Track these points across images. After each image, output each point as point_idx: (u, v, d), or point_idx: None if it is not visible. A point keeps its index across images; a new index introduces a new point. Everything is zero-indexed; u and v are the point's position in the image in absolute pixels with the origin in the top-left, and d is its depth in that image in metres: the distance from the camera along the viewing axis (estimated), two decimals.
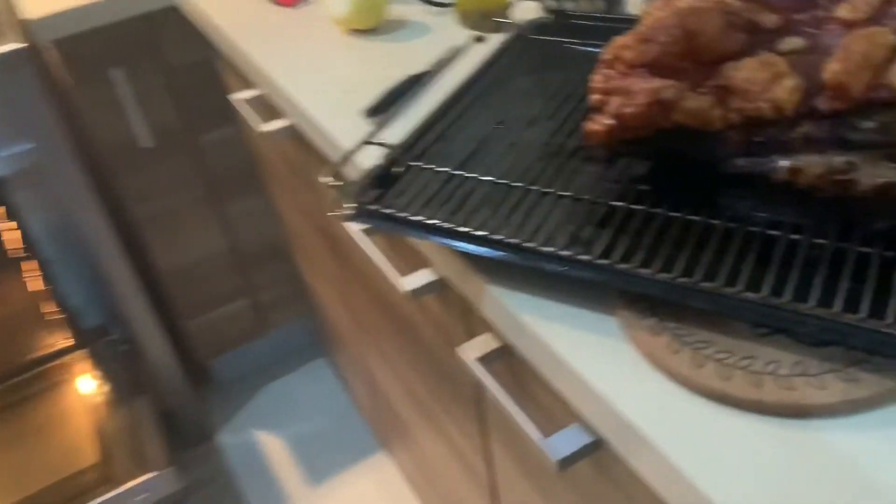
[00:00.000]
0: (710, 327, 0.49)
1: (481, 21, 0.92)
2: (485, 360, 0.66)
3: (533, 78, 0.76)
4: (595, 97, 0.55)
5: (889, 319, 0.44)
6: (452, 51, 0.89)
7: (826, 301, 0.46)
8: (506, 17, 0.90)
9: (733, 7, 0.53)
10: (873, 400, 0.44)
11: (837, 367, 0.46)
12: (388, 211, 0.59)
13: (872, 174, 0.49)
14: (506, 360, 0.67)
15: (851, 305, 0.45)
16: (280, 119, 0.99)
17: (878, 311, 0.45)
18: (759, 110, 0.49)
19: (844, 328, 0.45)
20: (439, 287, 0.72)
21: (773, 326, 0.48)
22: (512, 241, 0.54)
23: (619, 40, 0.54)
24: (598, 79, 0.55)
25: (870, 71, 0.47)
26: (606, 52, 0.55)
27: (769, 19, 0.54)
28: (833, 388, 0.45)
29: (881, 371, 0.45)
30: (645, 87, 0.51)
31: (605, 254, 0.52)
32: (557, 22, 0.84)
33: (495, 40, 0.84)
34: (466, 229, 0.56)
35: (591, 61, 0.76)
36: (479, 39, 0.78)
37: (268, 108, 1.06)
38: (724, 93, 0.51)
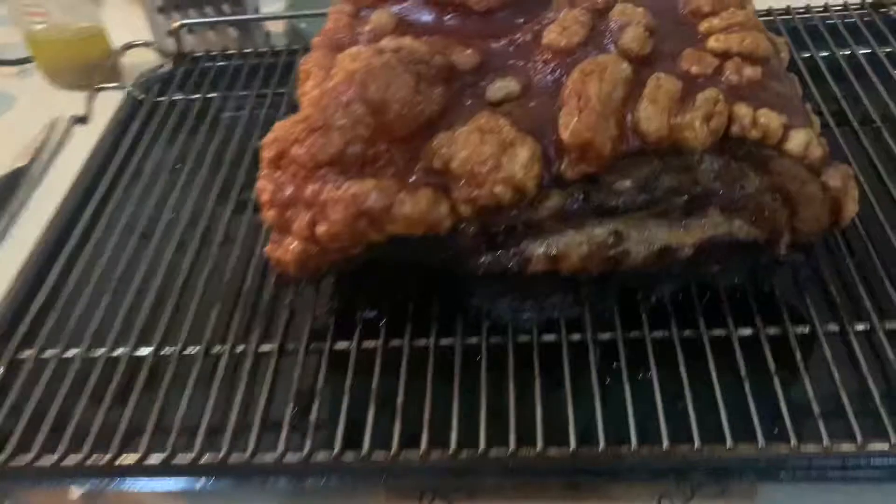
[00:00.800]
0: (518, 496, 0.36)
1: (81, 79, 0.68)
2: None
3: (173, 156, 0.56)
4: (269, 213, 0.38)
5: (728, 443, 0.34)
6: (51, 131, 0.65)
7: (647, 431, 0.35)
8: (114, 73, 0.68)
9: (418, 54, 0.39)
10: None
11: None
12: None
13: (643, 240, 0.39)
14: None
15: (679, 426, 0.35)
16: None
17: (711, 427, 0.35)
18: (494, 197, 0.36)
19: (681, 466, 0.34)
20: None
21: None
22: (210, 460, 0.36)
23: (281, 129, 0.37)
24: (264, 186, 0.38)
25: (613, 117, 0.36)
26: (267, 147, 0.38)
27: (465, 58, 0.41)
28: None
29: (727, 495, 0.35)
30: (339, 195, 0.35)
31: (345, 441, 0.36)
32: (184, 70, 0.64)
33: (110, 105, 0.62)
34: (135, 457, 0.36)
35: (241, 111, 0.59)
36: (82, 120, 0.56)
37: None
38: (445, 178, 0.37)
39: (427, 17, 0.44)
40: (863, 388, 0.35)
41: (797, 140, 0.36)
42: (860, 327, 0.38)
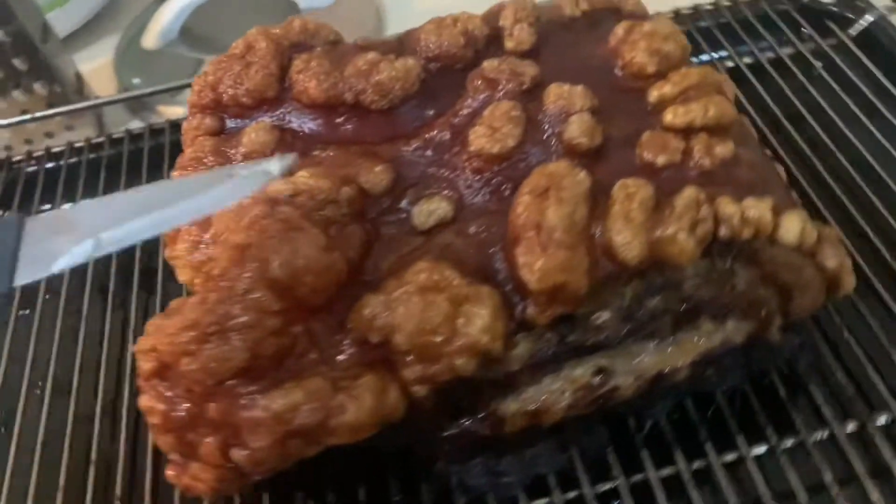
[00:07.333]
0: None
1: None
2: None
3: (14, 303, 0.45)
4: (164, 440, 0.29)
5: None
6: None
7: None
8: None
9: (322, 192, 0.30)
10: None
11: None
12: None
13: (633, 371, 0.32)
14: None
15: None
16: None
17: None
18: (455, 371, 0.28)
19: None
20: None
21: None
22: None
23: (161, 336, 0.28)
24: (151, 405, 0.28)
25: (582, 245, 0.29)
26: (144, 358, 0.28)
27: (375, 177, 0.33)
28: None
29: None
30: (257, 417, 0.27)
31: None
32: (2, 180, 0.52)
33: None
34: None
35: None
36: None
37: None
38: (385, 351, 0.29)
39: (313, 123, 0.35)
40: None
41: (791, 228, 0.31)
42: (881, 421, 0.33)
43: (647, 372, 0.32)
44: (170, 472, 0.30)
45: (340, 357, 0.29)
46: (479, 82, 0.34)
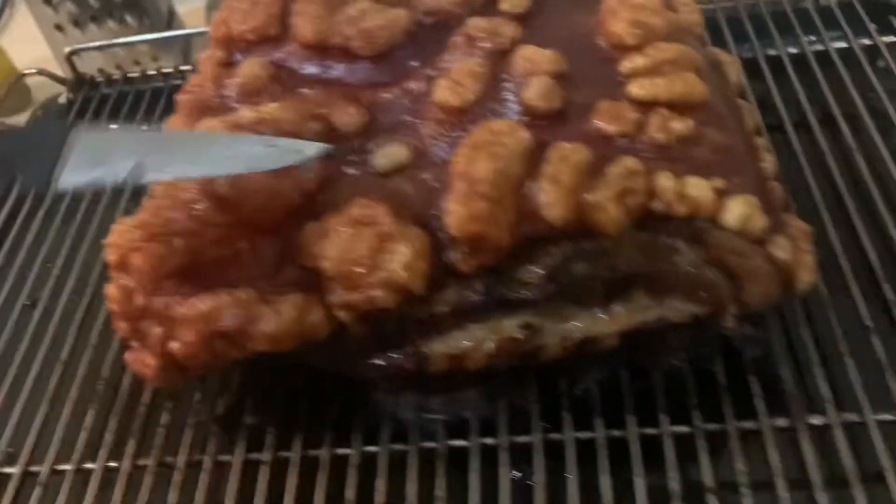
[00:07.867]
0: None
1: None
2: None
3: (61, 211, 0.50)
4: (120, 325, 0.33)
5: None
6: None
7: None
8: (21, 96, 0.62)
9: (284, 124, 0.33)
10: None
11: None
12: None
13: (561, 332, 0.33)
14: None
15: None
16: None
17: None
18: (373, 302, 0.30)
19: None
20: None
21: None
22: None
23: (119, 233, 0.31)
24: (112, 294, 0.32)
25: (510, 200, 0.30)
26: (109, 250, 0.32)
27: (347, 118, 0.35)
28: None
29: None
30: (187, 314, 0.30)
31: None
32: (82, 98, 0.58)
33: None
34: None
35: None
36: None
37: None
38: (317, 277, 0.31)
39: (308, 64, 0.37)
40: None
41: (734, 212, 0.31)
42: (813, 422, 0.32)
43: (573, 335, 0.33)
44: (127, 356, 0.34)
45: (280, 276, 0.32)
46: (460, 39, 0.35)
